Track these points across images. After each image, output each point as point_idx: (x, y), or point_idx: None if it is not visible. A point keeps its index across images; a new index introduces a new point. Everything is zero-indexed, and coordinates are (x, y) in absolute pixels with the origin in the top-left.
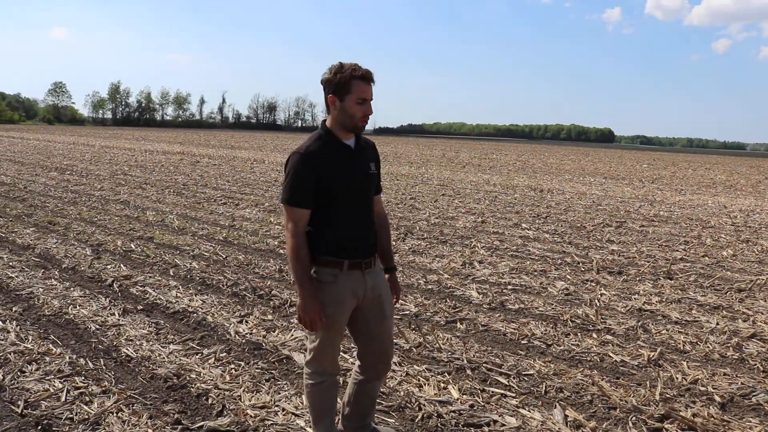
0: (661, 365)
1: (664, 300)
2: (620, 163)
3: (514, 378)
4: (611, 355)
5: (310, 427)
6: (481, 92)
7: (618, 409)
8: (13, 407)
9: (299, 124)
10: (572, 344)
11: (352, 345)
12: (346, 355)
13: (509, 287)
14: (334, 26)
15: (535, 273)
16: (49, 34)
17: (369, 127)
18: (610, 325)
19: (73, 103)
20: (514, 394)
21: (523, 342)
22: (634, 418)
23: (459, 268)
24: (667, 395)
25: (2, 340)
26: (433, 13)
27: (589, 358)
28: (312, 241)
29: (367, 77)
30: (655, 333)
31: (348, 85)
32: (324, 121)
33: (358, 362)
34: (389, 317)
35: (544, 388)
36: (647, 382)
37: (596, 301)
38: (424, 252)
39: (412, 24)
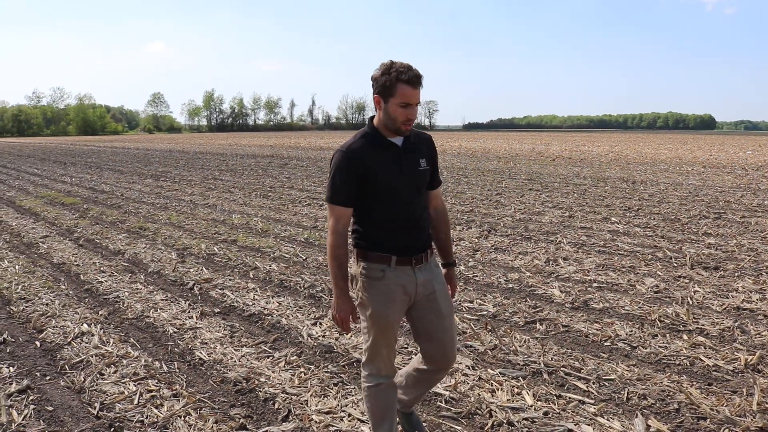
0: (761, 371)
1: (766, 298)
2: (722, 151)
3: (593, 383)
4: (703, 358)
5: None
6: (573, 83)
7: (708, 420)
8: (90, 408)
9: None
10: (660, 346)
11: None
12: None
13: (594, 285)
14: (418, 23)
15: (623, 269)
16: (147, 48)
17: (458, 122)
18: (703, 325)
19: (170, 112)
20: (592, 401)
21: (606, 344)
22: (726, 431)
23: (542, 266)
24: (767, 405)
25: (87, 342)
26: (520, 5)
27: (677, 362)
28: (360, 237)
29: (412, 82)
30: (755, 334)
31: (393, 87)
32: (372, 118)
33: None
34: (447, 315)
35: (626, 395)
36: (743, 390)
37: (689, 299)
38: (506, 249)
39: (498, 17)
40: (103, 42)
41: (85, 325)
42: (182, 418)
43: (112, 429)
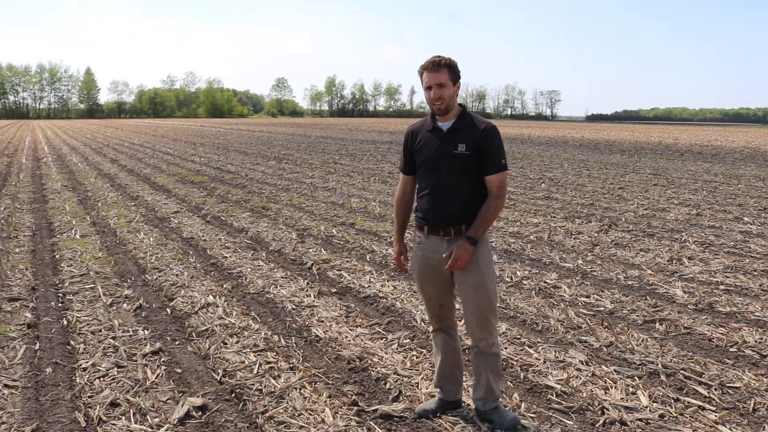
0: None
1: None
2: None
3: (715, 389)
4: None
5: None
6: (706, 73)
7: None
8: (213, 374)
9: (509, 112)
10: None
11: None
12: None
13: (721, 287)
14: (541, 12)
15: (755, 273)
16: (274, 34)
17: (581, 113)
18: None
19: (293, 96)
20: (713, 408)
21: (731, 350)
22: None
23: (664, 264)
24: None
25: (212, 313)
26: None
27: None
28: (416, 207)
29: (428, 68)
30: None
31: (421, 77)
32: None
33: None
34: (476, 287)
35: (752, 405)
36: None
37: None
38: (627, 245)
39: (622, 2)
40: (232, 27)
41: (210, 296)
42: (298, 391)
43: (233, 395)
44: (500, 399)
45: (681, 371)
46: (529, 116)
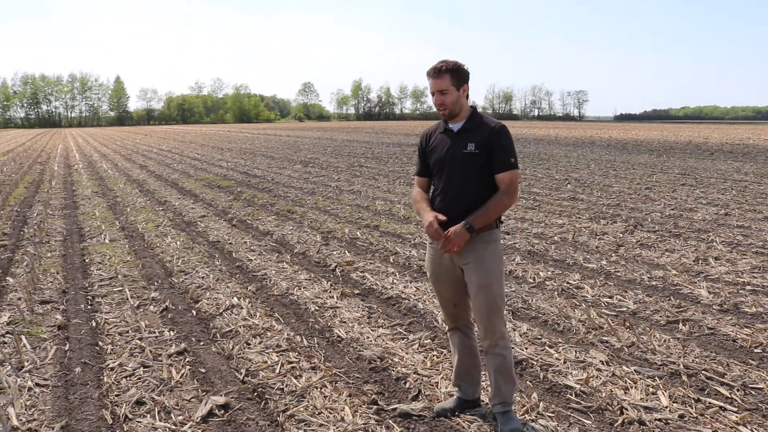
0: None
1: None
2: None
3: (738, 390)
4: None
5: None
6: (738, 70)
7: None
8: (237, 374)
9: (536, 113)
10: None
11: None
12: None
13: (748, 288)
14: (568, 12)
15: None
16: (300, 39)
17: (609, 113)
18: None
19: (320, 101)
20: (735, 409)
21: (756, 351)
22: None
23: (690, 264)
24: None
25: (236, 314)
26: None
27: None
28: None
29: (429, 73)
30: None
31: (428, 82)
32: None
33: None
34: (482, 287)
35: None
36: None
37: None
38: (653, 245)
39: (652, 1)
40: (259, 32)
41: (235, 298)
42: (318, 390)
43: (255, 394)
44: (511, 404)
45: (703, 372)
46: (557, 117)
